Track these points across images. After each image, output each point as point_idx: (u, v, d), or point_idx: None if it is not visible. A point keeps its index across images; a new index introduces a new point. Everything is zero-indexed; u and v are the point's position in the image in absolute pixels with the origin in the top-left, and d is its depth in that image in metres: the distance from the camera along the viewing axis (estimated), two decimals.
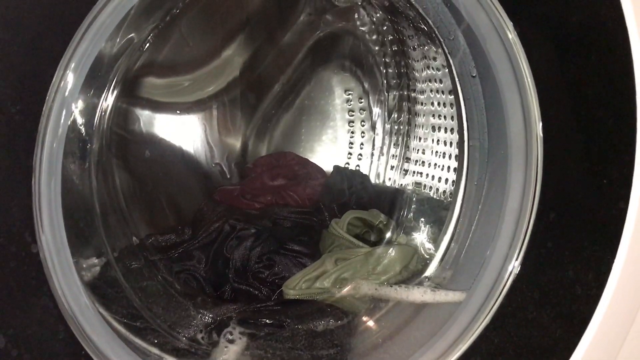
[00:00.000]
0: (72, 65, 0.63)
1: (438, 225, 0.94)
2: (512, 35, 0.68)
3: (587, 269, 0.66)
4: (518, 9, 0.68)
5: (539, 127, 0.69)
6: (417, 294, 0.83)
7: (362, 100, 1.35)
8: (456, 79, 0.88)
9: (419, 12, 0.82)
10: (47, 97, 0.63)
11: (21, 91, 0.62)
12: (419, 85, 1.15)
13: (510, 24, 0.68)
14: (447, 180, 1.03)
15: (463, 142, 0.90)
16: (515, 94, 0.70)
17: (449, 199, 0.97)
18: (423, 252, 0.95)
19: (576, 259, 0.67)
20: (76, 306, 0.67)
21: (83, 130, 0.80)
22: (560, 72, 0.67)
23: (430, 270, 0.90)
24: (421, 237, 0.98)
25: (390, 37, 1.21)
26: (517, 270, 0.71)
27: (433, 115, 1.10)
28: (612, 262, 0.64)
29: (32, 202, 0.64)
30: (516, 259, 0.71)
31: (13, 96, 0.61)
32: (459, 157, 0.92)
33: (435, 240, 0.93)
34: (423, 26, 0.92)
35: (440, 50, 0.90)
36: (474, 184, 0.87)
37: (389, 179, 1.30)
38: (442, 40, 0.84)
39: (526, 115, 0.70)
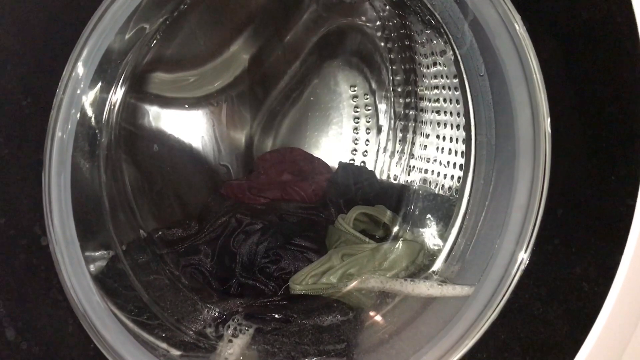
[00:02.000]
0: (83, 58, 0.63)
1: (445, 220, 0.94)
2: (520, 29, 0.68)
3: (594, 266, 0.66)
4: (527, 5, 0.68)
5: (547, 123, 0.69)
6: (424, 288, 0.83)
7: (368, 97, 1.35)
8: (464, 75, 0.88)
9: (427, 6, 0.82)
10: (57, 90, 0.63)
11: (31, 84, 0.62)
12: (426, 82, 1.14)
13: (518, 18, 0.68)
14: (453, 176, 1.03)
15: (470, 138, 0.90)
16: (523, 90, 0.70)
17: (456, 196, 0.96)
18: (430, 247, 0.94)
19: (583, 256, 0.67)
20: (85, 299, 0.67)
21: (93, 124, 0.80)
22: (568, 68, 0.67)
23: (437, 265, 0.90)
24: (428, 232, 0.98)
25: (398, 33, 1.20)
26: (524, 266, 0.71)
27: (439, 112, 1.10)
28: (620, 258, 0.64)
29: (42, 195, 0.64)
30: (523, 255, 0.71)
31: (23, 89, 0.62)
32: (466, 154, 0.92)
33: (442, 235, 0.92)
34: (431, 19, 0.92)
35: (448, 45, 0.90)
36: (481, 181, 0.87)
37: (395, 175, 1.29)
38: (450, 36, 0.84)
39: (534, 112, 0.70)
